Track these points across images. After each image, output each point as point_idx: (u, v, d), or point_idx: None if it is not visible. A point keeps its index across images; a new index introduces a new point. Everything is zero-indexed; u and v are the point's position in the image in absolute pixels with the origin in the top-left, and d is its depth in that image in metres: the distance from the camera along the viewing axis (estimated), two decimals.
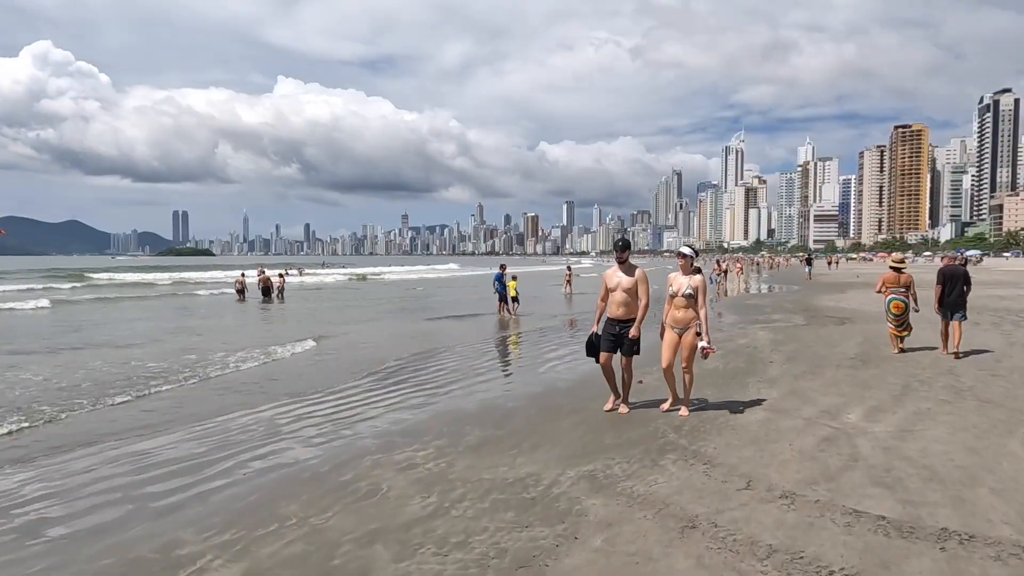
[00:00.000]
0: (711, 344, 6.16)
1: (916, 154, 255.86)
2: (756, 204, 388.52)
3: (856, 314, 16.99)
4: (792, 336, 12.70)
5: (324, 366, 10.45)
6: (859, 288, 29.99)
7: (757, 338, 12.56)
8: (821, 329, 13.71)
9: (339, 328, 16.22)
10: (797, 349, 10.91)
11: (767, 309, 19.43)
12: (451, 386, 8.47)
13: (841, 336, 12.49)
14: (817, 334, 12.88)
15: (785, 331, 13.55)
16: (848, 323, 14.76)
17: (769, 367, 9.12)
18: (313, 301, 27.14)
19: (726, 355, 10.43)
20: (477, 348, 12.29)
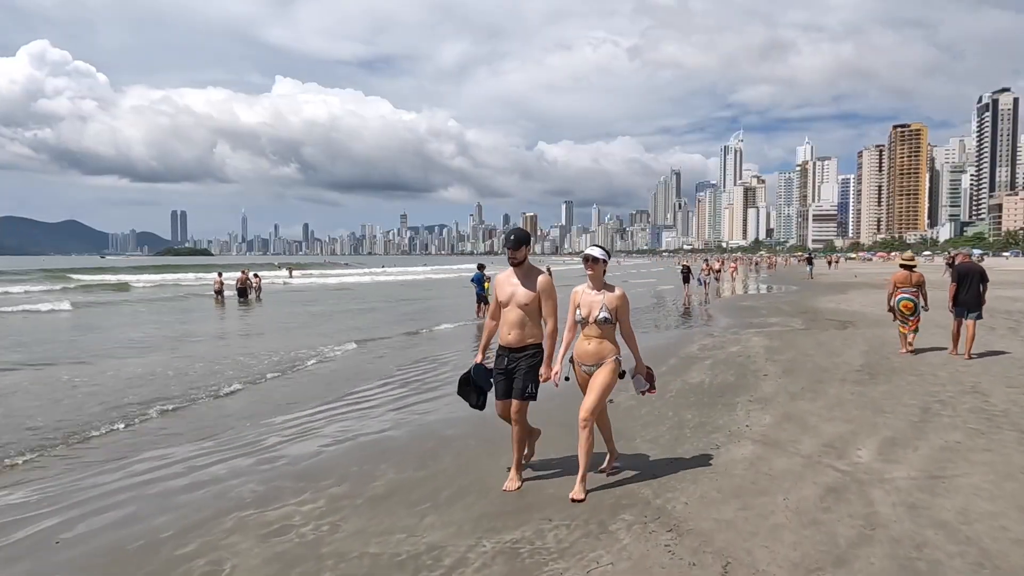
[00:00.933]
0: (651, 382, 4.52)
1: (915, 153, 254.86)
2: (755, 204, 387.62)
3: (858, 317, 15.83)
4: (790, 343, 11.50)
5: (277, 383, 9.23)
6: (859, 288, 28.90)
7: (751, 345, 11.36)
8: (821, 334, 12.52)
9: (302, 337, 15.01)
10: (795, 359, 9.71)
11: (763, 311, 18.26)
12: (390, 406, 7.26)
13: (843, 343, 11.29)
14: (817, 340, 11.69)
15: (782, 337, 12.36)
16: (851, 327, 13.59)
17: (762, 382, 7.92)
18: (291, 305, 25.98)
19: (715, 365, 9.24)
20: (442, 357, 11.07)
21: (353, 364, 10.45)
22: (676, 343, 12.11)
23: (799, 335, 12.61)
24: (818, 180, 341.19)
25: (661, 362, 9.16)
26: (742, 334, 12.99)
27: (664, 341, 12.61)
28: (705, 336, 12.95)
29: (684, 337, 13.17)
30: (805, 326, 14.13)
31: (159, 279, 47.29)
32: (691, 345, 11.63)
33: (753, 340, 12.02)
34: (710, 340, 12.22)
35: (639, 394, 4.56)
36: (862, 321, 14.73)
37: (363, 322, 17.73)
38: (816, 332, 13.00)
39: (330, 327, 16.37)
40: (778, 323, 14.94)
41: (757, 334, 12.93)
